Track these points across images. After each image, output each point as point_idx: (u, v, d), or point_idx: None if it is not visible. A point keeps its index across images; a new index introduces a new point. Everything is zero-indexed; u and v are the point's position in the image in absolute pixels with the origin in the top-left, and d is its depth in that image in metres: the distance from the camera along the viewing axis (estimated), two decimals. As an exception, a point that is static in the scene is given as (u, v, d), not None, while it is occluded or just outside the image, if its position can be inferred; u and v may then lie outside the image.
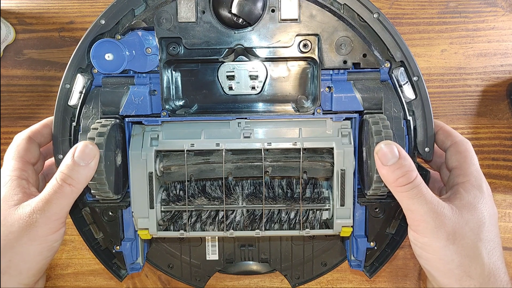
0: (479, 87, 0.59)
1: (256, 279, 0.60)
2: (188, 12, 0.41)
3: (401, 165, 0.35)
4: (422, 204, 0.34)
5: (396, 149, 0.35)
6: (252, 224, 0.44)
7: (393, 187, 0.36)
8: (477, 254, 0.34)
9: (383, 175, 0.36)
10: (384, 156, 0.35)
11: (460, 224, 0.34)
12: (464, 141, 0.40)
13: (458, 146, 0.39)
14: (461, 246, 0.34)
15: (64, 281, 0.61)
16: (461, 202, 0.35)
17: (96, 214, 0.44)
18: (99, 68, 0.42)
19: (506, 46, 0.58)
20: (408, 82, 0.42)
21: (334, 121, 0.43)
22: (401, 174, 0.35)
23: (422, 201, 0.34)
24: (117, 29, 0.42)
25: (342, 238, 0.50)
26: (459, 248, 0.34)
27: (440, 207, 0.34)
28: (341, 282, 0.61)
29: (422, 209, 0.34)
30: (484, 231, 0.35)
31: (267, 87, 0.45)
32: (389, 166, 0.35)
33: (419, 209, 0.34)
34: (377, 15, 0.41)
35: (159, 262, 0.51)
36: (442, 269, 0.35)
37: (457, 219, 0.34)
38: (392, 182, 0.35)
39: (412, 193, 0.34)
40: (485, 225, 0.35)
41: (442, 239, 0.34)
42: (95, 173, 0.38)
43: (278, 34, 0.41)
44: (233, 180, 0.44)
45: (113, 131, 0.41)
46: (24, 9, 0.59)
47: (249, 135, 0.43)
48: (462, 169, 0.38)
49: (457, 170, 0.38)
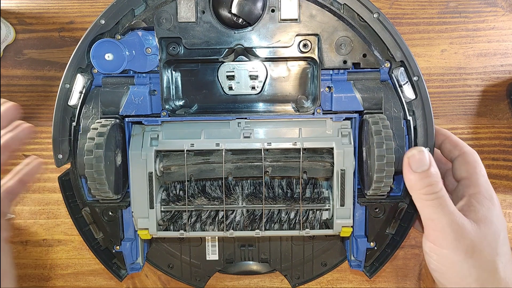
0: (479, 87, 0.59)
1: (256, 279, 0.60)
2: (188, 12, 0.41)
3: (430, 174, 0.35)
4: (445, 215, 0.34)
5: (428, 157, 0.35)
6: (252, 224, 0.44)
7: (418, 194, 0.35)
8: (494, 268, 0.34)
9: (410, 180, 0.35)
10: (416, 162, 0.35)
11: (479, 238, 0.34)
12: (472, 151, 0.40)
13: (467, 157, 0.40)
14: (479, 260, 0.34)
15: (64, 281, 0.61)
16: (477, 216, 0.35)
17: (96, 214, 0.44)
18: (99, 68, 0.42)
19: (506, 46, 0.58)
20: (408, 82, 0.42)
21: (334, 121, 0.43)
22: (429, 183, 0.35)
23: (445, 212, 0.34)
24: (117, 29, 0.42)
25: (342, 238, 0.50)
26: (477, 262, 0.34)
27: (461, 219, 0.34)
28: (341, 282, 0.61)
29: (444, 220, 0.34)
30: (499, 245, 0.35)
31: (267, 87, 0.45)
32: (418, 173, 0.35)
33: (441, 220, 0.34)
34: (377, 15, 0.41)
35: (159, 262, 0.51)
36: (459, 283, 0.34)
37: (475, 233, 0.34)
38: (418, 189, 0.35)
39: (436, 203, 0.34)
40: (500, 239, 0.35)
41: (461, 252, 0.34)
42: (95, 173, 0.38)
43: (278, 34, 0.41)
44: (233, 180, 0.44)
45: (113, 131, 0.41)
46: (24, 9, 0.59)
47: (249, 135, 0.43)
48: (472, 180, 0.38)
49: (467, 181, 0.38)
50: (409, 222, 0.43)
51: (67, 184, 0.44)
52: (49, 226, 0.60)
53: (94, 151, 0.38)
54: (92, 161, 0.38)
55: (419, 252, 0.60)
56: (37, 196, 0.60)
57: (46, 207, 0.60)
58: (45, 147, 0.60)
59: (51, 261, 0.61)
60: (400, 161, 0.41)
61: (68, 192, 0.44)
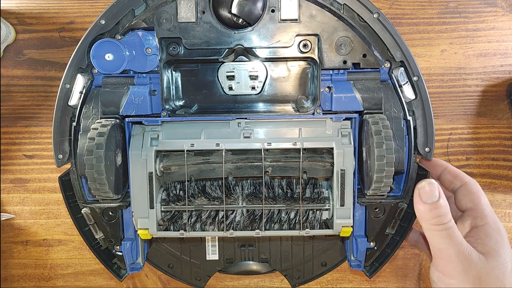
0: (479, 87, 0.59)
1: (256, 279, 0.61)
2: (188, 12, 0.41)
3: (440, 206, 0.36)
4: (453, 245, 0.35)
5: (437, 190, 0.36)
6: (252, 224, 0.44)
7: (427, 225, 0.36)
8: None
9: (419, 210, 0.36)
10: (426, 194, 0.36)
11: (486, 270, 0.35)
12: (473, 181, 0.41)
13: (470, 187, 0.41)
14: None
15: (64, 281, 0.61)
16: (485, 248, 0.36)
17: (96, 214, 0.44)
18: (99, 68, 0.42)
19: (506, 46, 0.58)
20: (408, 82, 0.42)
21: (334, 121, 0.43)
22: (438, 214, 0.36)
23: (453, 242, 0.35)
24: (117, 29, 0.42)
25: (342, 238, 0.50)
26: None
27: (469, 250, 0.35)
28: (341, 282, 0.61)
29: (451, 250, 0.35)
30: (506, 278, 0.35)
31: (267, 87, 0.45)
32: (428, 204, 0.36)
33: (449, 250, 0.35)
34: (377, 15, 0.41)
35: (159, 262, 0.51)
36: None
37: (483, 265, 0.35)
38: (428, 220, 0.36)
39: (444, 234, 0.35)
40: (507, 271, 0.36)
41: (468, 283, 0.35)
42: (95, 173, 0.38)
43: (278, 34, 0.41)
44: (233, 180, 0.44)
45: (113, 131, 0.41)
46: (24, 9, 0.59)
47: (249, 135, 0.43)
48: (478, 211, 0.39)
49: (473, 212, 0.39)
50: (409, 222, 0.43)
51: (67, 184, 0.44)
52: (50, 226, 0.60)
53: (94, 151, 0.38)
54: (92, 161, 0.38)
55: (419, 252, 0.60)
56: (37, 196, 0.60)
57: (46, 207, 0.60)
58: (45, 147, 0.60)
59: (51, 261, 0.61)
60: (400, 161, 0.41)
61: (68, 192, 0.44)
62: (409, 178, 0.43)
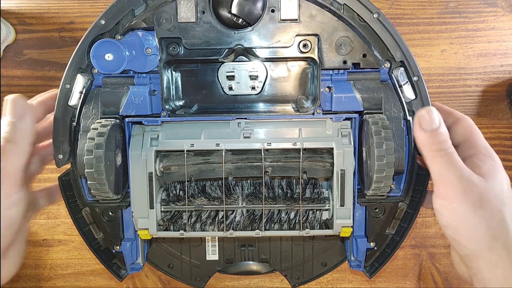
0: (479, 87, 0.59)
1: (256, 279, 0.61)
2: (188, 12, 0.41)
3: (440, 133, 0.36)
4: (454, 169, 0.36)
5: (438, 117, 0.37)
6: (252, 224, 0.44)
7: (428, 152, 0.37)
8: (502, 218, 0.35)
9: (420, 139, 0.37)
10: (426, 122, 0.36)
11: (486, 190, 0.36)
12: (465, 117, 0.42)
13: (462, 122, 0.41)
14: (488, 211, 0.35)
15: (64, 281, 0.61)
16: (481, 171, 0.37)
17: (96, 214, 0.44)
18: (99, 68, 0.42)
19: (506, 46, 0.58)
20: (408, 82, 0.42)
21: (334, 121, 0.43)
22: (438, 140, 0.36)
23: (453, 166, 0.36)
24: (117, 29, 0.42)
25: (342, 238, 0.50)
26: (486, 213, 0.35)
27: (469, 173, 0.36)
28: (341, 282, 0.61)
29: (453, 174, 0.36)
30: (505, 197, 0.36)
31: (267, 87, 0.45)
32: (429, 131, 0.36)
33: (450, 174, 0.36)
34: (377, 15, 0.41)
35: (159, 262, 0.51)
36: (471, 234, 0.36)
37: (483, 185, 0.36)
38: (428, 146, 0.36)
39: (445, 159, 0.36)
40: (504, 191, 0.36)
41: (470, 204, 0.35)
42: (95, 173, 0.38)
43: (278, 34, 0.41)
44: (233, 180, 0.44)
45: (113, 131, 0.41)
46: (24, 9, 0.59)
47: (249, 135, 0.43)
48: (471, 142, 0.40)
49: (466, 144, 0.40)
50: (409, 222, 0.43)
51: (67, 184, 0.44)
52: (49, 226, 0.60)
53: (94, 151, 0.38)
54: (92, 161, 0.38)
55: (419, 252, 0.60)
56: (37, 196, 0.60)
57: (46, 207, 0.60)
58: (45, 147, 0.59)
59: (51, 261, 0.61)
60: (399, 161, 0.41)
61: (68, 192, 0.44)
62: (409, 178, 0.43)
